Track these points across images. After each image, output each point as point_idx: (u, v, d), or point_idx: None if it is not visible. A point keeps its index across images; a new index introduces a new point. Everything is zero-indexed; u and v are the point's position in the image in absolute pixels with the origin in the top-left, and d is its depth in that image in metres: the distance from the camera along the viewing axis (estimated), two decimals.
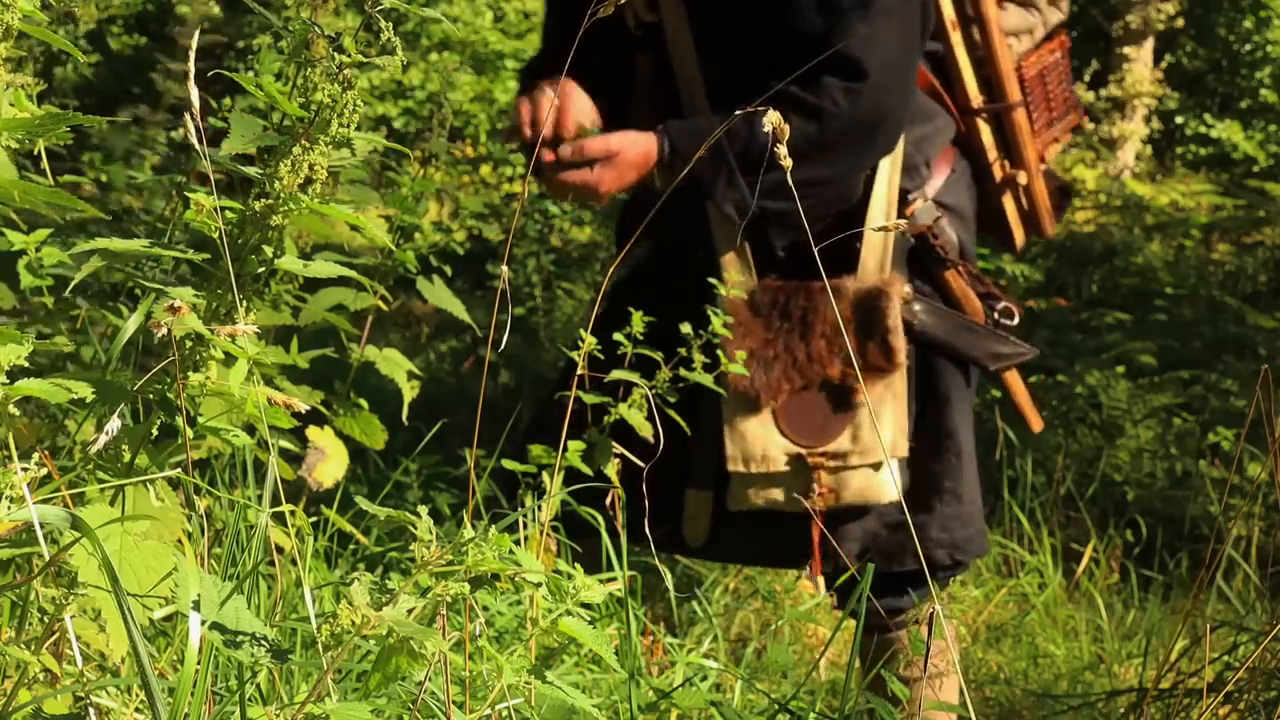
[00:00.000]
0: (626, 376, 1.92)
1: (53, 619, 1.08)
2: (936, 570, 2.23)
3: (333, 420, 2.15)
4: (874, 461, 2.11)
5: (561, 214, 6.36)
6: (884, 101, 2.05)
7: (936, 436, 2.19)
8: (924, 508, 2.19)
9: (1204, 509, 3.99)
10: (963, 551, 2.22)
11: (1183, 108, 11.59)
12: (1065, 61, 2.37)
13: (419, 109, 8.93)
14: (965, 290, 2.20)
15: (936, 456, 2.19)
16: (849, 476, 2.11)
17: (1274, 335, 5.52)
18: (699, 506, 2.19)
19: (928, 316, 2.15)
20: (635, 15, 2.15)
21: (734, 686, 2.00)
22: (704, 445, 2.16)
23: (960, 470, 2.21)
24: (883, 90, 2.04)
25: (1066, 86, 2.37)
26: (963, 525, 2.21)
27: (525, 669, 1.22)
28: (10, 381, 1.05)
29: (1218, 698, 1.64)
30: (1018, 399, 2.39)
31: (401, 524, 1.02)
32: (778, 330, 2.11)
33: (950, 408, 2.20)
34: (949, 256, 2.17)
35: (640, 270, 2.32)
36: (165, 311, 1.08)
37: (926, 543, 2.19)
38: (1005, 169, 2.30)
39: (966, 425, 2.23)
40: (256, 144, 1.23)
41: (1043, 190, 2.34)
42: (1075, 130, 2.50)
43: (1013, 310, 2.23)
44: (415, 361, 2.54)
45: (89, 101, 8.25)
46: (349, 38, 1.17)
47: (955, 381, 2.21)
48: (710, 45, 2.09)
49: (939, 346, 2.17)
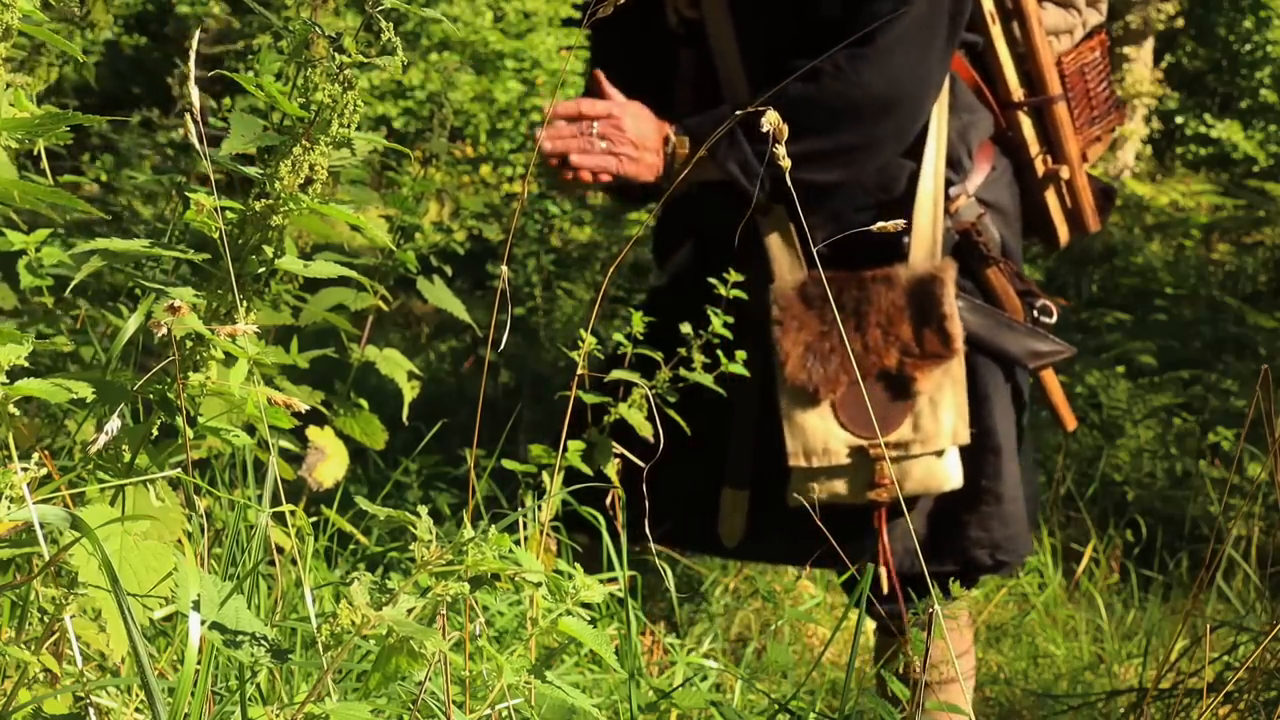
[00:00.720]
0: (625, 377, 1.92)
1: (53, 619, 1.08)
2: (977, 571, 2.20)
3: (333, 420, 2.15)
4: (936, 449, 2.09)
5: (561, 214, 6.36)
6: (890, 69, 2.01)
7: (975, 434, 2.15)
8: (963, 507, 2.17)
9: (1204, 509, 3.98)
10: (1004, 551, 2.18)
11: (1183, 108, 11.59)
12: (1105, 61, 2.36)
13: (419, 109, 8.93)
14: (1006, 288, 2.18)
15: (975, 455, 2.15)
16: (911, 466, 2.08)
17: (1274, 335, 5.52)
18: (735, 505, 2.18)
19: (969, 313, 2.13)
20: (677, 12, 2.15)
21: (734, 686, 2.00)
22: (740, 444, 2.16)
23: (1000, 469, 2.17)
24: (889, 56, 2.00)
25: (1107, 85, 2.36)
26: (1003, 524, 2.17)
27: (525, 669, 1.22)
28: (10, 381, 1.05)
29: (1218, 698, 1.64)
30: (1053, 397, 2.37)
31: (401, 524, 1.02)
32: (832, 322, 2.09)
33: (989, 405, 2.17)
34: (991, 254, 2.16)
35: (682, 273, 2.30)
36: (165, 311, 1.08)
37: (966, 542, 2.16)
38: (1048, 164, 2.28)
39: (1007, 423, 2.20)
40: (257, 144, 1.23)
41: (1085, 185, 2.33)
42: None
43: (1052, 308, 2.21)
44: (415, 361, 2.55)
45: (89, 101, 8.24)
46: (349, 38, 1.17)
47: (994, 379, 2.19)
48: (752, 38, 2.08)
49: (979, 343, 2.15)
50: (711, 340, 1.97)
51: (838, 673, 2.64)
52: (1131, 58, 10.26)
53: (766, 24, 2.08)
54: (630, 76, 2.19)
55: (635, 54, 2.22)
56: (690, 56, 2.17)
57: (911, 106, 2.07)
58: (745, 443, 2.16)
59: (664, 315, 2.03)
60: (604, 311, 5.32)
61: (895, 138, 2.09)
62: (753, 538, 2.19)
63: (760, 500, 2.17)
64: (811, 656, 2.80)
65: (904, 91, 2.04)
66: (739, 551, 2.28)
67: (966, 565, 2.17)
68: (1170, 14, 10.36)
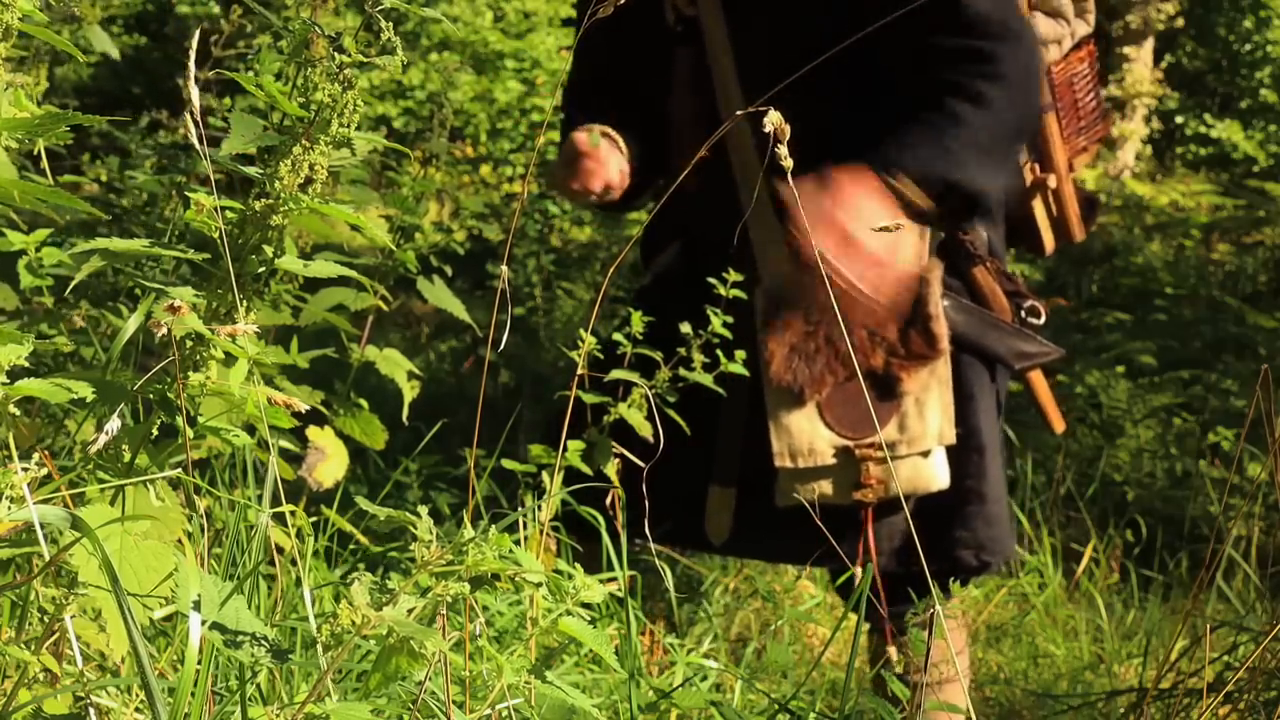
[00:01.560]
0: (624, 376, 1.92)
1: (53, 619, 1.08)
2: (963, 571, 2.20)
3: (333, 420, 2.15)
4: (922, 450, 2.09)
5: (561, 214, 6.36)
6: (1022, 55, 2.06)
7: (959, 435, 2.15)
8: (948, 508, 2.16)
9: (1204, 509, 3.98)
10: (989, 552, 2.18)
11: (1183, 108, 11.59)
12: (1093, 72, 2.37)
13: (419, 109, 8.93)
14: (993, 288, 2.18)
15: (959, 455, 2.15)
16: (897, 466, 2.09)
17: (1274, 335, 5.52)
18: (722, 503, 2.18)
19: (955, 313, 2.13)
20: (676, 10, 2.16)
21: (734, 686, 2.00)
22: (727, 442, 2.16)
23: (984, 468, 2.18)
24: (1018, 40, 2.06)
25: (1095, 96, 2.37)
26: (987, 524, 2.18)
27: (525, 669, 1.22)
28: (10, 381, 1.05)
29: (1218, 698, 1.64)
30: (1041, 399, 2.37)
31: (401, 524, 1.02)
32: (817, 323, 2.09)
33: (974, 404, 2.17)
34: (978, 253, 2.16)
35: (669, 273, 2.31)
36: (165, 311, 1.08)
37: (951, 543, 2.17)
38: (1035, 172, 2.29)
39: (990, 423, 2.20)
40: (256, 144, 1.23)
41: (1072, 195, 2.34)
42: (1103, 141, 2.50)
43: (1040, 309, 2.21)
44: (415, 361, 2.54)
45: (89, 101, 8.24)
46: (349, 38, 1.17)
47: (979, 379, 2.19)
48: (745, 37, 2.09)
49: (965, 343, 2.15)
50: (711, 340, 1.97)
51: (838, 673, 2.64)
52: (1131, 58, 10.26)
53: (760, 22, 2.08)
54: (623, 76, 2.19)
55: (629, 54, 2.23)
56: (687, 55, 2.18)
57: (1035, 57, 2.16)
58: (732, 441, 2.16)
59: (651, 315, 2.03)
60: (604, 311, 5.32)
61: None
62: (741, 535, 2.20)
63: (748, 498, 2.17)
64: (811, 656, 2.80)
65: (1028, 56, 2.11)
66: (728, 548, 2.29)
67: (952, 566, 2.17)
68: (1170, 14, 10.36)
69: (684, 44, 2.18)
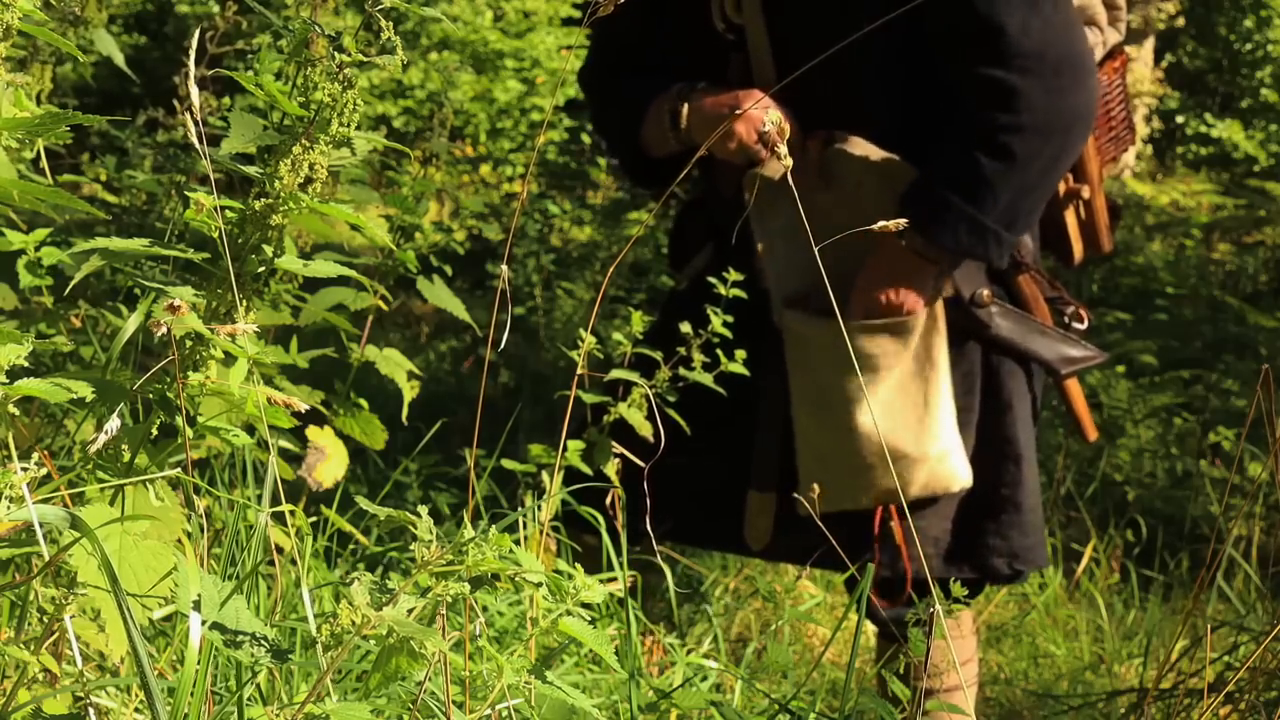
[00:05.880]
0: (626, 377, 1.92)
1: (52, 619, 1.08)
2: (994, 579, 2.19)
3: (333, 420, 2.15)
4: (935, 451, 2.08)
5: (561, 214, 6.36)
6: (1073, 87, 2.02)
7: (996, 443, 2.15)
8: (982, 515, 2.16)
9: (1204, 509, 3.98)
10: (1022, 561, 2.17)
11: (1183, 107, 11.59)
12: (1124, 83, 2.37)
13: (419, 108, 8.92)
14: (1036, 294, 2.17)
15: (995, 463, 2.15)
16: (913, 470, 2.07)
17: (1274, 335, 5.52)
18: (761, 508, 2.17)
19: (1000, 318, 2.12)
20: (724, 16, 2.15)
21: (734, 686, 2.00)
22: (765, 448, 2.16)
23: (1020, 478, 2.16)
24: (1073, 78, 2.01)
25: (1125, 106, 2.37)
26: (1022, 534, 2.17)
27: (525, 669, 1.22)
28: (10, 381, 1.05)
29: (1218, 698, 1.64)
30: (1076, 407, 2.36)
31: (401, 524, 1.02)
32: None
33: (1011, 414, 2.16)
34: (1024, 260, 2.16)
35: (702, 279, 2.30)
36: (165, 311, 1.08)
37: (985, 550, 2.16)
38: (1069, 182, 2.28)
39: (1027, 432, 2.19)
40: (256, 143, 1.23)
41: (1103, 206, 2.33)
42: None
43: (1083, 315, 2.20)
44: (415, 361, 2.54)
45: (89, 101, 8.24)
46: (349, 37, 1.16)
47: (1019, 388, 2.18)
48: (787, 44, 2.07)
49: (1012, 349, 2.14)
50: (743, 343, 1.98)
51: (838, 673, 2.64)
52: (1132, 57, 10.25)
53: (800, 29, 2.06)
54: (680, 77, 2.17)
55: (686, 59, 2.20)
56: (738, 61, 2.15)
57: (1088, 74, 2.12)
58: (770, 446, 2.15)
59: (685, 317, 2.04)
60: (604, 311, 5.32)
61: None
62: (777, 538, 2.19)
63: (784, 501, 2.16)
64: (811, 656, 2.80)
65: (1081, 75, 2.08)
66: (766, 553, 2.28)
67: (984, 573, 2.17)
68: (1171, 13, 10.36)
69: (735, 51, 2.16)
